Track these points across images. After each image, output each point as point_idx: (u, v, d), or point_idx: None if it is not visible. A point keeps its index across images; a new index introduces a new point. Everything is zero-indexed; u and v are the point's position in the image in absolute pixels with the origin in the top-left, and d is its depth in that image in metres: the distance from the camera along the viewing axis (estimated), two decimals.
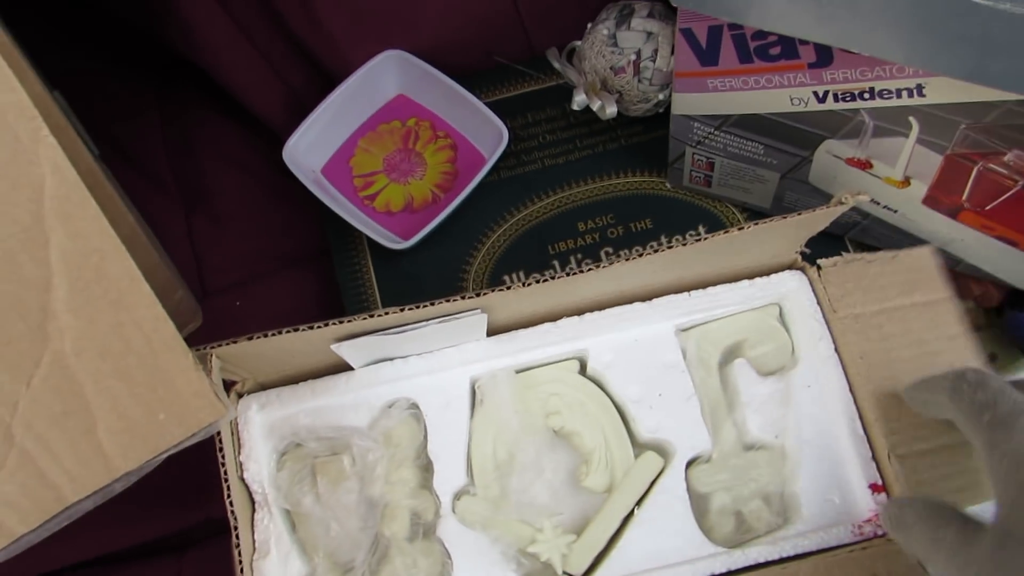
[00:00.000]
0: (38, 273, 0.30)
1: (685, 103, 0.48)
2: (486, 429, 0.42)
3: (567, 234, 0.56)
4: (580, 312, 0.45)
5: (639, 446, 0.43)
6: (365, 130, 0.58)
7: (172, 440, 0.34)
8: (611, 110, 0.54)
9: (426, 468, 0.43)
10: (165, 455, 0.35)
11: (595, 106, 0.54)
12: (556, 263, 0.55)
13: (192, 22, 0.54)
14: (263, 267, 0.58)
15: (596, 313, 0.45)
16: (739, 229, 0.39)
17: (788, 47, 0.41)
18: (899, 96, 0.39)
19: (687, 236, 0.55)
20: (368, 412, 0.44)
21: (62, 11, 0.61)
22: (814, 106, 0.43)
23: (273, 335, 0.39)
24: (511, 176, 0.58)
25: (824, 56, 0.40)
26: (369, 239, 0.55)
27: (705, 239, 0.40)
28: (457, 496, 0.42)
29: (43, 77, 0.44)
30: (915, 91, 0.39)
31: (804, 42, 0.40)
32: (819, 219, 0.42)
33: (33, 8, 0.58)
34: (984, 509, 0.35)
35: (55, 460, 0.32)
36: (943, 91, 0.38)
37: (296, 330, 0.39)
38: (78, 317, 0.31)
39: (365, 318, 0.40)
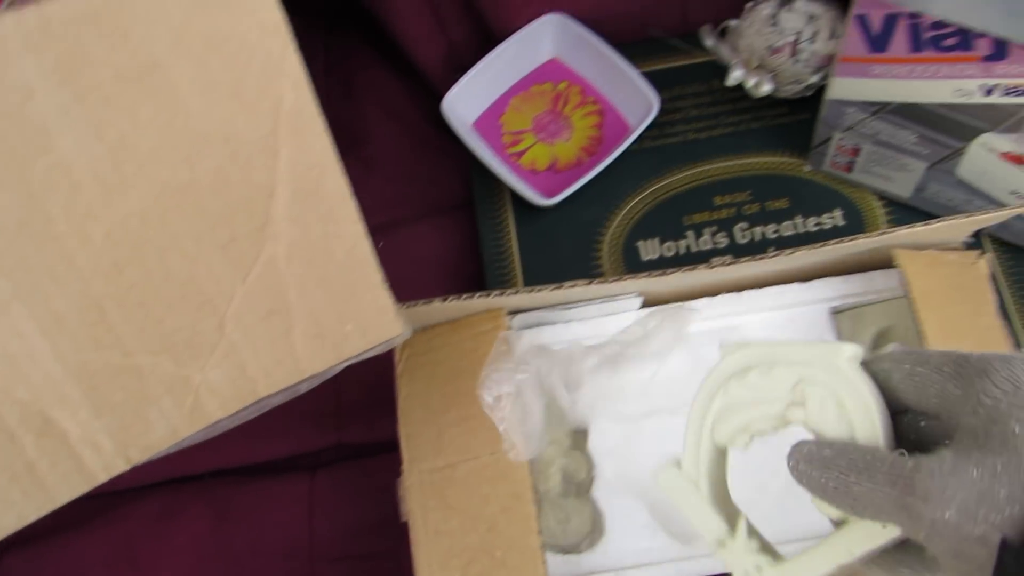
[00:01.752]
0: (267, 179, 0.33)
1: (844, 88, 0.49)
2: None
3: (703, 207, 0.57)
4: (739, 289, 0.47)
5: None
6: (518, 89, 0.61)
7: (355, 350, 0.37)
8: (767, 87, 0.55)
9: (579, 430, 0.46)
10: (346, 364, 0.38)
11: (751, 83, 0.55)
12: (690, 234, 0.57)
13: None
14: (408, 212, 0.61)
15: (754, 291, 0.47)
16: (923, 225, 0.41)
17: (964, 40, 0.42)
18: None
19: (823, 218, 0.56)
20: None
21: None
22: (978, 99, 0.44)
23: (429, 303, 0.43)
24: (653, 146, 0.59)
25: (1000, 50, 0.41)
26: (512, 194, 0.58)
27: (861, 239, 0.42)
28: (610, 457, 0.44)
29: None
30: None
31: (981, 36, 0.41)
32: (994, 219, 0.43)
33: None
34: None
35: (256, 355, 0.35)
36: None
37: (457, 298, 0.43)
38: (293, 225, 0.34)
39: (527, 291, 0.43)
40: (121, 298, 0.32)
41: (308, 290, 0.35)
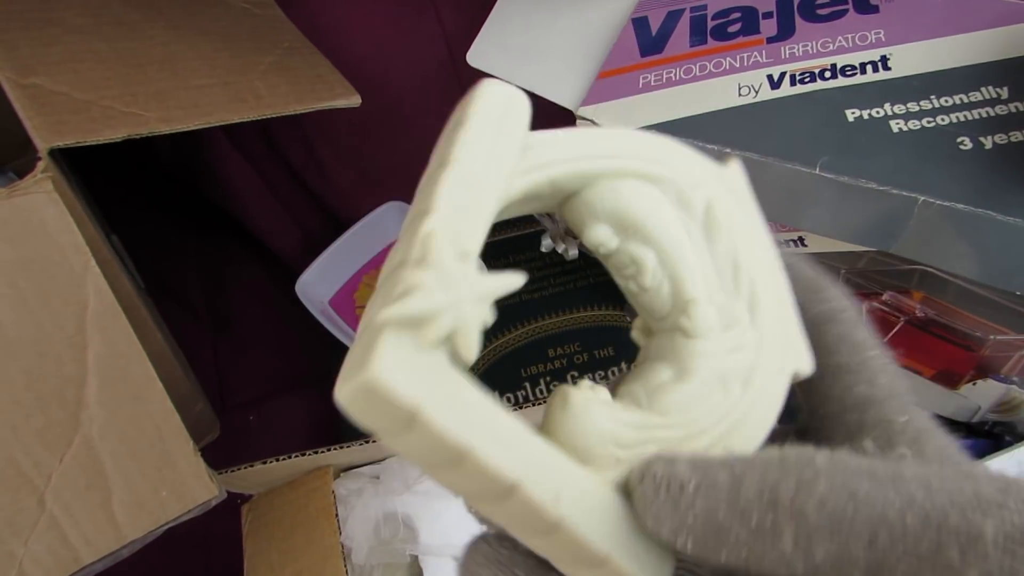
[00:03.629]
0: (77, 371, 0.39)
1: None
2: None
3: (539, 359, 0.64)
4: None
5: None
6: (369, 268, 0.68)
7: (172, 514, 0.42)
8: (573, 252, 0.63)
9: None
10: (165, 527, 0.42)
11: (560, 248, 0.63)
12: (527, 384, 0.63)
13: (227, 178, 0.65)
14: (276, 386, 0.67)
15: None
16: None
17: None
18: (787, 245, 0.47)
19: None
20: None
21: (126, 171, 0.73)
22: None
23: (271, 462, 0.48)
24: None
25: None
26: None
27: None
28: None
29: (105, 224, 0.55)
30: (798, 241, 0.47)
31: None
32: None
33: (104, 170, 0.71)
34: None
35: (76, 526, 0.40)
36: (819, 242, 0.46)
37: (290, 457, 0.48)
38: (104, 408, 0.40)
39: (341, 448, 0.48)
40: None
41: (123, 463, 0.40)
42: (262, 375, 0.67)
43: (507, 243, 0.69)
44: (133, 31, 0.46)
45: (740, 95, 0.44)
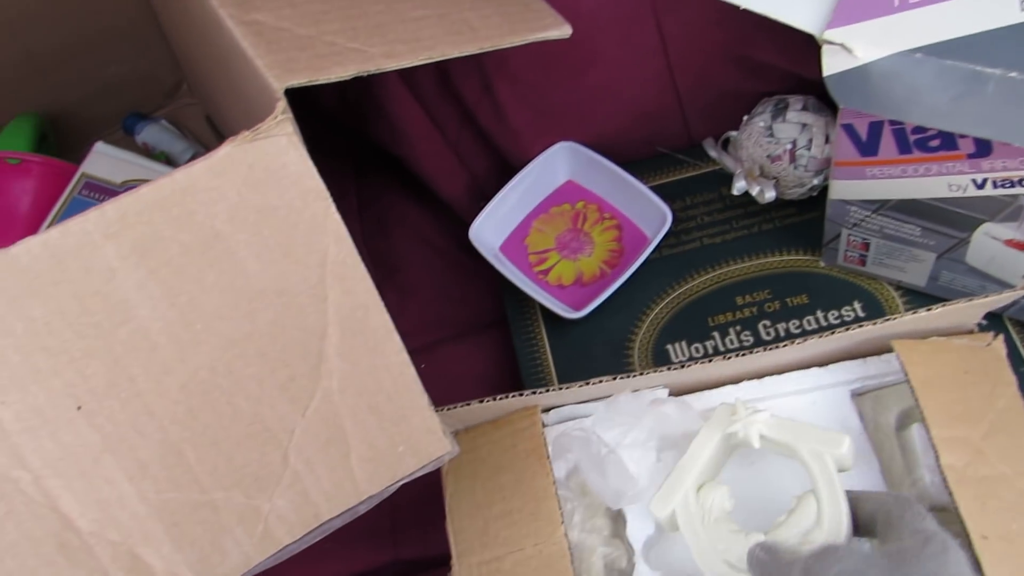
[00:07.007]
0: (318, 322, 0.37)
1: (843, 189, 0.52)
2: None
3: (726, 307, 0.60)
4: (760, 376, 0.49)
5: None
6: (539, 212, 0.65)
7: (408, 469, 0.40)
8: (770, 195, 0.59)
9: (618, 518, 0.48)
10: (401, 482, 0.41)
11: (754, 191, 0.59)
12: (716, 334, 0.60)
13: (396, 119, 0.62)
14: (445, 333, 0.65)
15: (776, 377, 0.49)
16: (926, 310, 0.44)
17: (948, 140, 0.45)
18: None
19: (843, 311, 0.58)
20: (564, 465, 0.49)
21: None
22: (972, 192, 0.46)
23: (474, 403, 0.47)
24: (672, 254, 0.63)
25: (983, 148, 0.44)
26: (543, 310, 0.61)
27: (890, 320, 0.45)
28: (649, 547, 0.46)
29: None
30: None
31: (964, 135, 0.44)
32: (997, 302, 0.46)
33: None
34: None
35: (317, 482, 0.39)
36: None
37: (492, 399, 0.47)
38: (344, 361, 0.38)
39: (558, 389, 0.46)
40: (196, 441, 0.36)
41: (361, 418, 0.39)
42: (431, 322, 0.66)
43: (684, 183, 0.65)
44: None
45: (1022, 9, 0.39)
